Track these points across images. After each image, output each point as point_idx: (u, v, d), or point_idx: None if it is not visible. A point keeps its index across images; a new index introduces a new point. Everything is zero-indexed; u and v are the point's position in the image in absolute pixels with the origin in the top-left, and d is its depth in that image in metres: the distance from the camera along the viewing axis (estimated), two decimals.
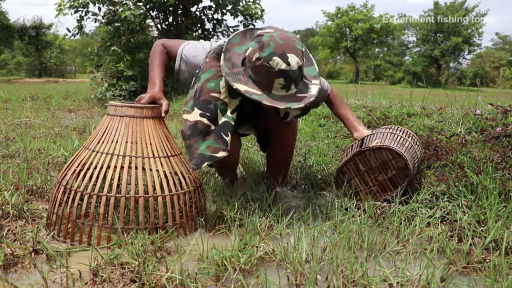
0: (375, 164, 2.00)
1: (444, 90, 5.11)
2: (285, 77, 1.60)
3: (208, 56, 1.76)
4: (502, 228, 1.56)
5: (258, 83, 1.63)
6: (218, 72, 1.71)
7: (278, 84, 1.61)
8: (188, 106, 1.73)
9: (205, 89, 1.71)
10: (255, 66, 1.61)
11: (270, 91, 1.63)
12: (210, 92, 1.71)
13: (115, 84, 8.91)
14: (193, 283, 1.19)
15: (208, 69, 1.73)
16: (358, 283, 1.25)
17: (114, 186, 1.52)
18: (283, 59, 1.58)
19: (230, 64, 1.68)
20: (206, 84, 1.71)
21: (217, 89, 1.71)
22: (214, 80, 1.71)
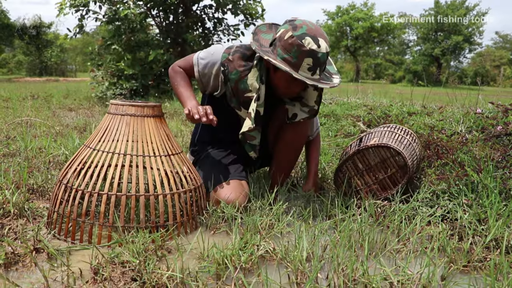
0: (374, 162, 2.00)
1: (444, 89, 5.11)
2: (314, 58, 1.65)
3: (231, 54, 1.84)
4: (503, 227, 1.56)
5: (286, 61, 1.68)
6: (242, 73, 1.81)
7: (306, 64, 1.66)
8: (236, 103, 1.88)
9: (239, 91, 1.84)
10: (287, 43, 1.67)
11: (297, 71, 1.68)
12: (244, 93, 1.83)
13: (115, 83, 8.91)
14: (193, 282, 1.19)
15: (233, 70, 1.82)
16: (358, 281, 1.25)
17: (115, 184, 1.52)
18: (315, 41, 1.64)
19: (259, 44, 1.77)
20: (237, 85, 1.83)
21: (247, 89, 1.82)
22: (241, 81, 1.82)
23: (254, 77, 1.81)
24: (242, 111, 1.89)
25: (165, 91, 8.97)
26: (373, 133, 2.12)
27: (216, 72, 1.89)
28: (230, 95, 1.87)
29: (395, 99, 4.68)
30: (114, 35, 8.91)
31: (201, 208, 1.74)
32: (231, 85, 1.83)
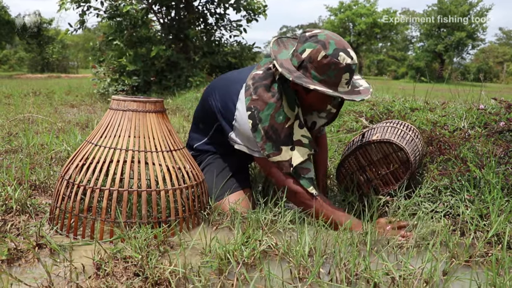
0: (376, 158, 2.00)
1: (447, 85, 5.08)
2: (350, 71, 1.60)
3: (253, 93, 1.70)
4: (505, 222, 1.56)
5: (325, 82, 1.60)
6: (277, 103, 1.67)
7: (344, 79, 1.60)
8: (270, 149, 1.68)
9: (279, 126, 1.68)
10: (322, 64, 1.57)
11: (336, 88, 1.61)
12: (284, 125, 1.69)
13: (117, 79, 8.92)
14: (196, 277, 1.19)
15: (266, 105, 1.67)
16: (360, 276, 1.25)
17: (116, 180, 1.52)
18: (347, 54, 1.58)
19: (287, 70, 1.62)
20: (274, 120, 1.67)
21: (287, 116, 1.69)
22: (278, 112, 1.67)
23: (286, 104, 1.70)
24: (282, 152, 1.69)
25: (167, 87, 8.98)
26: (375, 129, 2.12)
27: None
28: (263, 141, 1.68)
29: (397, 95, 4.66)
30: (116, 31, 8.91)
31: (203, 204, 1.74)
32: (264, 125, 1.67)
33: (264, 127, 1.67)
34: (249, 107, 1.68)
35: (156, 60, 8.87)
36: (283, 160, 1.69)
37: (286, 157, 1.69)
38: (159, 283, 1.15)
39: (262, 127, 1.67)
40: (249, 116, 1.68)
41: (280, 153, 1.69)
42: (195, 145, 2.05)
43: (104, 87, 8.90)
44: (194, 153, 2.05)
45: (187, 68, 9.16)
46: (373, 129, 2.12)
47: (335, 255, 1.32)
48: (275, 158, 1.68)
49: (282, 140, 1.68)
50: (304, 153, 1.70)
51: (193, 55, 9.74)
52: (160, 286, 1.14)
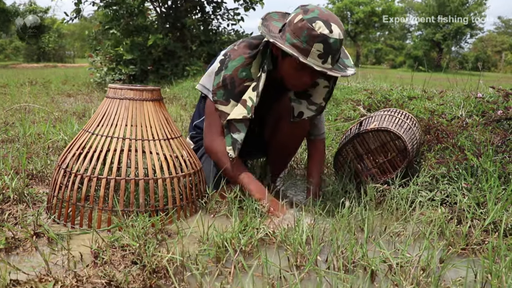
0: (373, 146, 2.00)
1: (445, 74, 5.08)
2: (325, 44, 1.52)
3: (237, 44, 1.74)
4: (501, 211, 1.56)
5: (295, 46, 1.55)
6: (247, 59, 1.68)
7: (316, 50, 1.53)
8: (220, 95, 1.71)
9: (237, 80, 1.69)
10: (297, 27, 1.54)
11: (306, 57, 1.54)
12: (243, 83, 1.69)
13: (114, 68, 8.88)
14: (193, 265, 1.19)
15: (237, 57, 1.69)
16: (358, 264, 1.25)
17: (114, 169, 1.52)
18: (326, 25, 1.52)
19: (268, 29, 1.64)
20: (237, 73, 1.68)
21: (250, 77, 1.69)
22: (244, 68, 1.68)
23: (256, 66, 1.70)
24: (229, 104, 1.71)
25: (164, 76, 8.95)
26: (373, 117, 2.12)
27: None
28: (216, 86, 1.72)
29: (395, 84, 4.66)
30: (112, 20, 8.85)
31: (200, 192, 1.74)
32: (227, 73, 1.69)
33: (225, 75, 1.69)
34: (226, 53, 1.74)
35: (153, 49, 8.82)
36: (226, 112, 1.71)
37: (229, 111, 1.71)
38: (156, 271, 1.15)
39: (224, 74, 1.70)
40: (220, 60, 1.73)
41: (227, 105, 1.71)
42: (195, 122, 2.04)
43: (101, 76, 8.85)
44: (194, 133, 2.04)
45: (184, 57, 9.12)
46: (370, 117, 2.12)
47: (332, 243, 1.33)
48: (220, 106, 1.71)
49: (234, 94, 1.70)
50: (242, 112, 1.69)
51: (190, 44, 9.68)
52: (158, 274, 1.15)
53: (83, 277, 1.09)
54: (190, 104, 5.34)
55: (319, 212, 1.54)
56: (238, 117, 1.69)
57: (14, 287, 1.06)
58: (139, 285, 1.09)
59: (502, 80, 6.17)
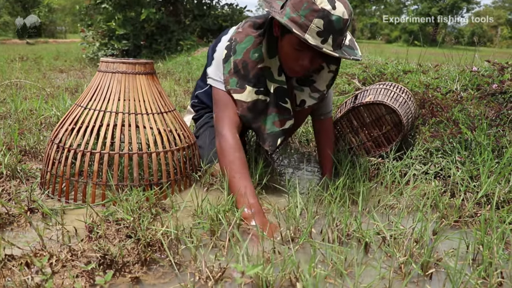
0: (369, 119, 1.99)
1: (441, 49, 5.04)
2: (325, 20, 1.36)
3: (241, 26, 1.63)
4: (494, 184, 1.57)
5: (294, 21, 1.39)
6: (257, 38, 1.56)
7: (315, 26, 1.36)
8: (234, 84, 1.58)
9: (250, 62, 1.56)
10: (297, 1, 1.39)
11: (304, 33, 1.39)
12: (257, 65, 1.57)
13: (107, 43, 8.77)
14: (188, 238, 1.20)
15: (245, 38, 1.57)
16: (352, 236, 1.26)
17: (107, 143, 1.51)
18: (330, 1, 1.36)
19: (269, 5, 1.50)
20: (248, 55, 1.56)
21: (262, 57, 1.57)
22: (255, 49, 1.56)
23: (265, 47, 1.58)
24: (245, 91, 1.57)
25: (157, 51, 8.85)
26: (368, 91, 2.10)
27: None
28: (229, 74, 1.59)
29: (390, 58, 4.62)
30: None
31: (194, 166, 1.74)
32: (237, 57, 1.56)
33: (236, 60, 1.57)
34: (231, 38, 1.61)
35: (146, 24, 8.69)
36: (243, 100, 1.59)
37: (247, 98, 1.59)
38: (151, 244, 1.15)
39: (234, 59, 1.57)
40: (226, 46, 1.61)
41: (244, 92, 1.58)
42: (197, 92, 1.99)
43: (93, 52, 8.74)
44: (195, 101, 2.00)
45: (178, 32, 9.00)
46: (365, 91, 2.10)
47: (327, 216, 1.34)
48: (235, 95, 1.58)
49: (249, 78, 1.57)
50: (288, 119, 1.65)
51: (184, 18, 9.55)
52: (153, 247, 1.15)
53: (78, 251, 1.09)
54: (183, 79, 5.29)
55: (314, 185, 1.55)
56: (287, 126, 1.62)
57: (9, 262, 1.06)
58: (134, 259, 1.09)
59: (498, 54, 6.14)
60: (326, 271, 1.01)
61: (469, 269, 1.13)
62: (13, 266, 1.03)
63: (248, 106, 1.59)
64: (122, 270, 1.06)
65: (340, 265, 1.05)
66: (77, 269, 1.03)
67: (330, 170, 1.85)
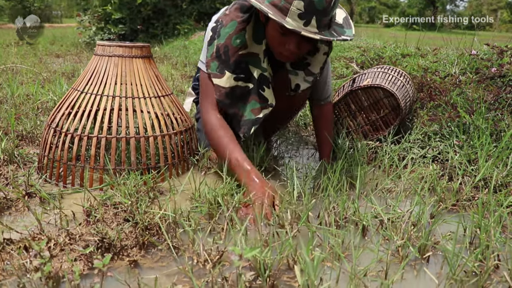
0: (367, 103, 1.98)
1: (439, 33, 5.01)
2: (306, 2, 1.29)
3: (229, 8, 1.59)
4: (492, 167, 1.57)
5: (274, 5, 1.33)
6: (240, 24, 1.52)
7: (295, 8, 1.30)
8: (214, 68, 1.56)
9: (231, 48, 1.53)
10: None
11: (284, 16, 1.32)
12: (238, 51, 1.53)
13: (103, 27, 8.70)
14: (186, 221, 1.20)
15: (229, 22, 1.53)
16: (349, 219, 1.26)
17: (104, 127, 1.50)
18: None
19: None
20: (231, 41, 1.52)
21: (244, 43, 1.52)
22: (238, 35, 1.52)
23: (251, 32, 1.53)
24: (224, 76, 1.56)
25: (154, 35, 8.78)
26: (366, 74, 2.09)
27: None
28: (211, 57, 1.57)
29: (389, 42, 4.60)
30: None
31: (192, 150, 1.73)
32: (220, 42, 1.53)
33: (218, 45, 1.54)
34: (218, 20, 1.58)
35: (143, 8, 8.61)
36: (221, 86, 1.57)
37: (226, 84, 1.56)
38: (149, 228, 1.15)
39: (217, 43, 1.55)
40: (212, 28, 1.58)
41: (223, 77, 1.56)
42: (197, 75, 1.94)
43: (90, 36, 8.67)
44: (195, 84, 1.97)
45: (175, 16, 8.92)
46: (364, 74, 2.09)
47: (324, 199, 1.34)
48: (215, 80, 1.57)
49: (229, 64, 1.54)
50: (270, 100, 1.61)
51: (180, 2, 9.44)
52: (151, 231, 1.15)
53: (76, 235, 1.09)
54: (181, 63, 5.26)
55: (311, 168, 1.54)
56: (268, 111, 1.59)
57: (8, 245, 1.06)
58: (132, 242, 1.09)
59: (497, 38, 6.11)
60: (324, 254, 1.01)
61: (466, 252, 1.14)
62: (11, 250, 1.03)
63: (226, 92, 1.57)
64: (120, 254, 1.06)
65: (337, 248, 1.05)
66: (75, 252, 1.03)
67: (328, 154, 1.84)
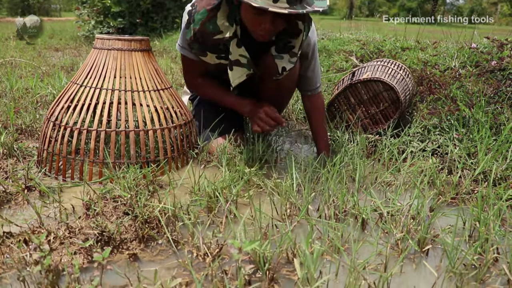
0: (366, 96, 1.98)
1: (439, 27, 4.99)
2: None
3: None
4: (491, 161, 1.57)
5: None
6: (210, 12, 1.52)
7: None
8: (196, 48, 1.60)
9: (206, 33, 1.55)
10: None
11: None
12: (212, 36, 1.55)
13: (102, 21, 8.66)
14: (185, 215, 1.20)
15: (201, 9, 1.53)
16: (349, 212, 1.27)
17: (104, 120, 1.50)
18: None
19: None
20: (204, 27, 1.54)
21: (218, 29, 1.54)
22: (209, 22, 1.53)
23: (224, 17, 1.52)
24: (207, 56, 1.62)
25: (153, 29, 8.75)
26: (366, 68, 2.09)
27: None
28: (190, 40, 1.59)
29: (388, 35, 4.58)
30: None
31: (191, 143, 1.73)
32: (195, 26, 1.55)
33: (195, 29, 1.55)
34: (193, 3, 1.58)
35: (142, 1, 8.57)
36: (209, 62, 1.65)
37: (209, 60, 1.64)
38: (148, 221, 1.15)
39: (193, 27, 1.56)
40: (188, 12, 1.58)
41: (206, 56, 1.63)
42: None
43: (89, 30, 8.64)
44: None
45: (174, 9, 8.88)
46: (363, 68, 2.09)
47: (324, 192, 1.34)
48: (202, 58, 1.65)
49: (209, 47, 1.59)
50: (243, 73, 1.61)
51: None
52: (150, 224, 1.15)
53: (76, 229, 1.09)
54: (180, 57, 5.24)
55: (311, 162, 1.54)
56: (242, 78, 1.62)
57: (8, 239, 1.06)
58: (132, 236, 1.09)
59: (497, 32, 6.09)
60: (323, 247, 1.02)
61: (466, 245, 1.14)
62: (11, 243, 1.04)
63: (214, 66, 1.68)
64: (120, 247, 1.06)
65: (337, 241, 1.06)
66: (75, 246, 1.03)
67: (326, 147, 1.82)
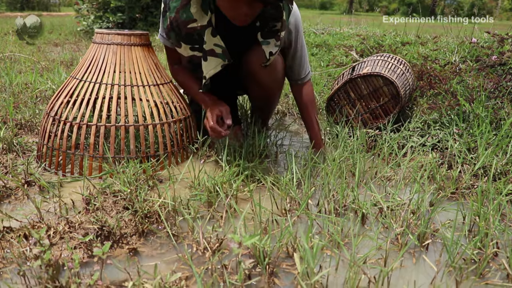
0: (366, 91, 1.98)
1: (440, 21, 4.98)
2: None
3: None
4: (491, 155, 1.57)
5: None
6: (184, 0, 1.50)
7: None
8: (173, 37, 1.58)
9: (180, 22, 1.53)
10: None
11: None
12: (186, 25, 1.52)
13: (101, 16, 8.63)
14: (185, 209, 1.20)
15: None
16: (349, 207, 1.27)
17: (103, 115, 1.49)
18: None
19: None
20: (178, 15, 1.52)
21: (191, 17, 1.51)
22: (184, 10, 1.51)
23: (197, 4, 1.50)
24: (182, 47, 1.60)
25: (153, 24, 8.72)
26: (365, 62, 2.08)
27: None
28: (167, 29, 1.58)
29: (388, 30, 4.57)
30: None
31: (191, 138, 1.73)
32: (171, 15, 1.53)
33: (171, 17, 1.54)
34: None
35: None
36: (183, 54, 1.63)
37: (184, 53, 1.62)
38: (148, 216, 1.16)
39: (169, 16, 1.54)
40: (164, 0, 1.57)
41: (181, 47, 1.61)
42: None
43: (88, 25, 8.61)
44: None
45: None
46: (363, 62, 2.08)
47: (323, 187, 1.34)
48: (177, 49, 1.63)
49: (182, 36, 1.57)
50: (217, 63, 1.59)
51: None
52: (150, 219, 1.15)
53: (75, 223, 1.09)
54: None
55: (311, 157, 1.54)
56: (217, 69, 1.59)
57: (8, 234, 1.06)
58: (131, 230, 1.09)
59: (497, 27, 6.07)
60: (323, 242, 1.02)
61: (465, 240, 1.14)
62: (11, 238, 1.04)
63: (187, 59, 1.68)
64: (120, 242, 1.06)
65: (337, 236, 1.06)
66: (75, 240, 1.03)
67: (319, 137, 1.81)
